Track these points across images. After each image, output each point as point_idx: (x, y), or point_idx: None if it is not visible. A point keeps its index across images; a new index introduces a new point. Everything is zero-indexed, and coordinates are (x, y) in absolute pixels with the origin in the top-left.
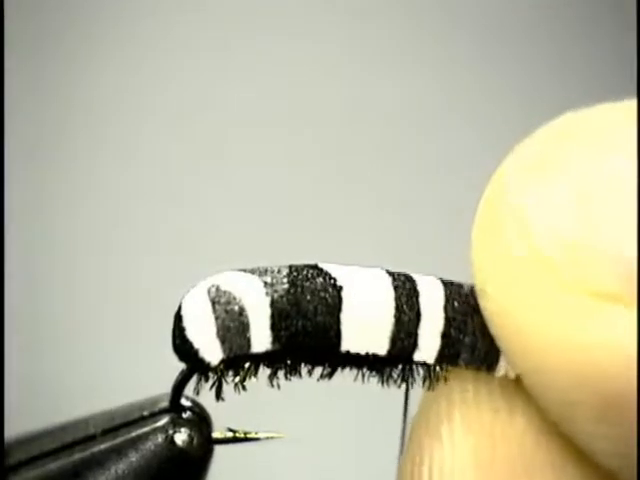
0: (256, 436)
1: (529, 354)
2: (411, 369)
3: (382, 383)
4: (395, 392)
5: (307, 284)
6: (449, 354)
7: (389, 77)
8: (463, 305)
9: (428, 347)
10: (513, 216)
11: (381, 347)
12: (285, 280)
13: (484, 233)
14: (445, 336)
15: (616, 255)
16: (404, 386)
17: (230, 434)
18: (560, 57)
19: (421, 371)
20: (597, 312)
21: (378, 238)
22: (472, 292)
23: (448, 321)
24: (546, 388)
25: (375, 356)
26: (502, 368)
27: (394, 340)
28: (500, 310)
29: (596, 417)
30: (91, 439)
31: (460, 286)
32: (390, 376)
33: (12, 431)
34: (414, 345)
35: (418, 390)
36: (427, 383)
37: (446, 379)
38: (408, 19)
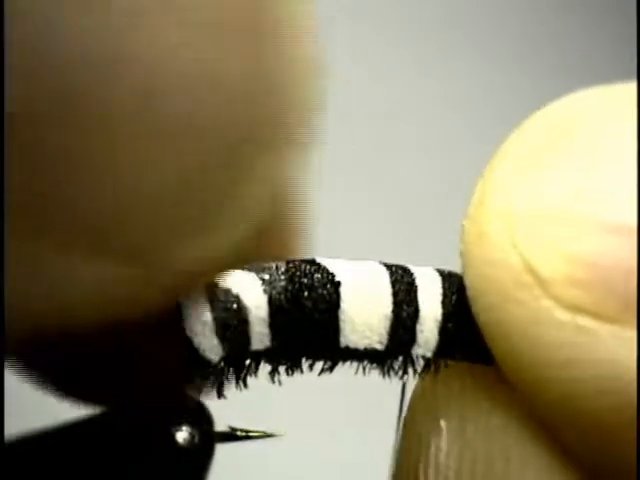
0: (258, 434)
1: (517, 367)
2: (411, 361)
3: (383, 375)
4: (396, 391)
5: (305, 280)
6: (447, 349)
7: (388, 76)
8: (461, 298)
9: (426, 342)
10: (501, 223)
11: (380, 343)
12: (283, 277)
13: (471, 239)
14: (443, 331)
15: (613, 276)
16: (402, 381)
17: (232, 432)
18: (559, 55)
19: (421, 362)
20: (589, 331)
21: (376, 229)
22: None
23: (446, 316)
24: (533, 401)
25: (374, 351)
26: None
27: (392, 336)
28: (489, 321)
29: (580, 433)
30: (90, 438)
31: (458, 277)
32: (391, 368)
33: (12, 431)
34: (412, 340)
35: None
36: (426, 373)
37: (446, 364)
38: (402, 16)
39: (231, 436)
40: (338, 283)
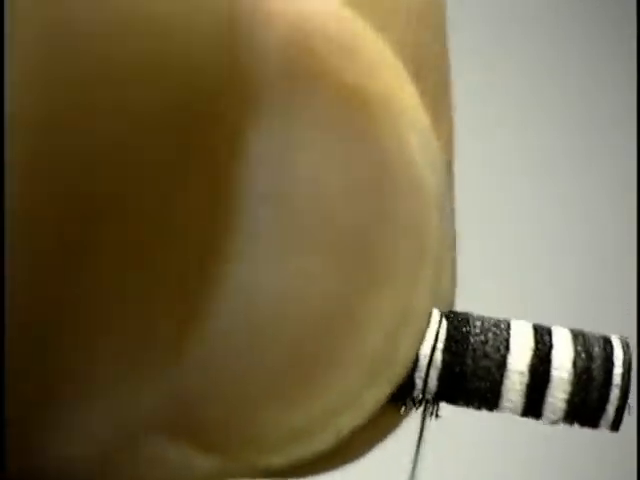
0: None
1: None
2: (413, 404)
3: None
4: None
5: None
6: (448, 395)
7: None
8: (462, 343)
9: (426, 390)
10: None
11: None
12: None
13: None
14: (443, 379)
15: None
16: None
17: None
18: (559, 55)
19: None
20: None
21: None
22: (471, 324)
23: (445, 364)
24: None
25: None
26: (504, 409)
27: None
28: None
29: None
30: None
31: (464, 321)
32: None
33: None
34: (412, 388)
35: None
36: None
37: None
38: None
39: None
40: None
